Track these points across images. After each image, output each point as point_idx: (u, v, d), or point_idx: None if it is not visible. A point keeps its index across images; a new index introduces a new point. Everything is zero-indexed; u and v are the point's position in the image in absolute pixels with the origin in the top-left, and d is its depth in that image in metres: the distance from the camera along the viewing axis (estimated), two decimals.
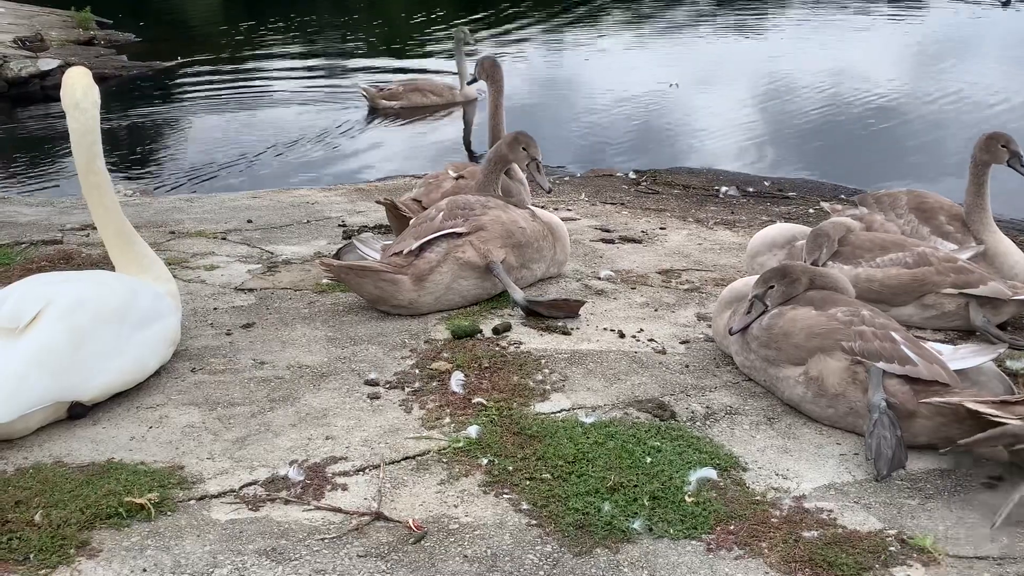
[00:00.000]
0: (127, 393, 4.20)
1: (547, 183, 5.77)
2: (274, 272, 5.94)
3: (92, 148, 4.36)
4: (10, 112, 14.63)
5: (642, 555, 3.23)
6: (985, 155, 5.74)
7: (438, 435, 3.95)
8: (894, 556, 3.25)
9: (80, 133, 4.31)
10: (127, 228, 4.60)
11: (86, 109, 4.30)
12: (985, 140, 5.75)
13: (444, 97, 14.20)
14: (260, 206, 7.98)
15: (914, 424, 3.92)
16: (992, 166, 5.77)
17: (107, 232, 4.56)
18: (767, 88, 14.72)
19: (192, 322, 5.04)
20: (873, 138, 11.84)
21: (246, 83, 16.25)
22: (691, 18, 21.44)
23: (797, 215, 8.65)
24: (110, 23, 21.31)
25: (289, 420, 4.05)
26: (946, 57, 16.28)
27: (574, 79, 14.70)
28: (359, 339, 4.90)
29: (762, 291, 4.47)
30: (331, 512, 3.42)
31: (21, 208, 7.80)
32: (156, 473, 3.59)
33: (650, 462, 3.73)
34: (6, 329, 3.86)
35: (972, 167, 5.82)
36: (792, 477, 3.76)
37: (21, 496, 3.37)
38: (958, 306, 5.23)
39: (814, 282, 4.51)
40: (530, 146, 5.70)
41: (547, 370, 4.54)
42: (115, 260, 4.62)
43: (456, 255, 5.19)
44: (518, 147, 5.72)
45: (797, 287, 4.47)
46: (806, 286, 4.49)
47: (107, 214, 4.51)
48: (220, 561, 3.11)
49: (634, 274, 6.12)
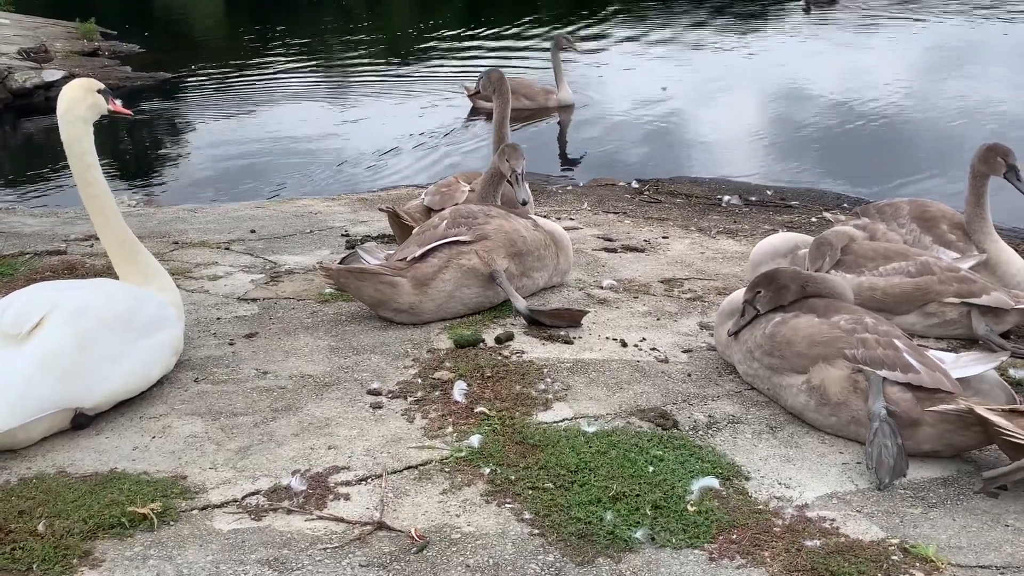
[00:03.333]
0: (130, 403, 4.21)
1: (522, 194, 5.74)
2: (277, 282, 5.96)
3: (83, 159, 4.42)
4: (14, 123, 14.69)
5: (644, 564, 3.23)
6: (983, 166, 5.73)
7: (440, 444, 3.95)
8: (896, 565, 3.25)
9: (67, 144, 4.42)
10: (130, 238, 4.62)
11: (69, 122, 4.39)
12: (984, 151, 5.74)
13: (537, 101, 13.94)
14: (263, 216, 8.00)
15: (919, 432, 3.92)
16: (991, 177, 5.77)
17: (109, 242, 4.59)
18: (770, 97, 14.75)
19: (195, 332, 5.05)
20: (876, 147, 11.84)
21: (250, 93, 16.30)
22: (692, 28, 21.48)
23: (800, 224, 8.65)
24: (114, 34, 21.38)
25: (292, 430, 4.05)
26: (951, 64, 16.29)
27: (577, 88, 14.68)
28: (362, 348, 4.91)
29: (751, 296, 4.51)
30: (333, 522, 3.42)
31: (25, 219, 7.83)
32: (159, 483, 3.60)
33: (652, 471, 3.73)
34: (9, 335, 3.88)
35: (970, 178, 5.82)
36: (794, 486, 3.76)
37: (24, 506, 3.38)
38: (960, 315, 5.23)
39: (807, 287, 4.51)
40: (512, 157, 5.72)
41: (549, 379, 4.54)
42: (119, 270, 4.64)
43: (460, 262, 5.20)
44: (503, 158, 5.75)
45: (785, 293, 4.48)
46: (797, 292, 4.49)
47: (108, 224, 4.53)
48: (223, 571, 3.11)
49: (636, 283, 6.13)
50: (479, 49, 19.86)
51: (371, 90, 16.12)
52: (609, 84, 15.88)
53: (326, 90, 16.48)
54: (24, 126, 14.61)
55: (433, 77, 17.17)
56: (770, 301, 4.48)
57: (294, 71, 18.26)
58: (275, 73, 18.02)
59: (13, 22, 20.36)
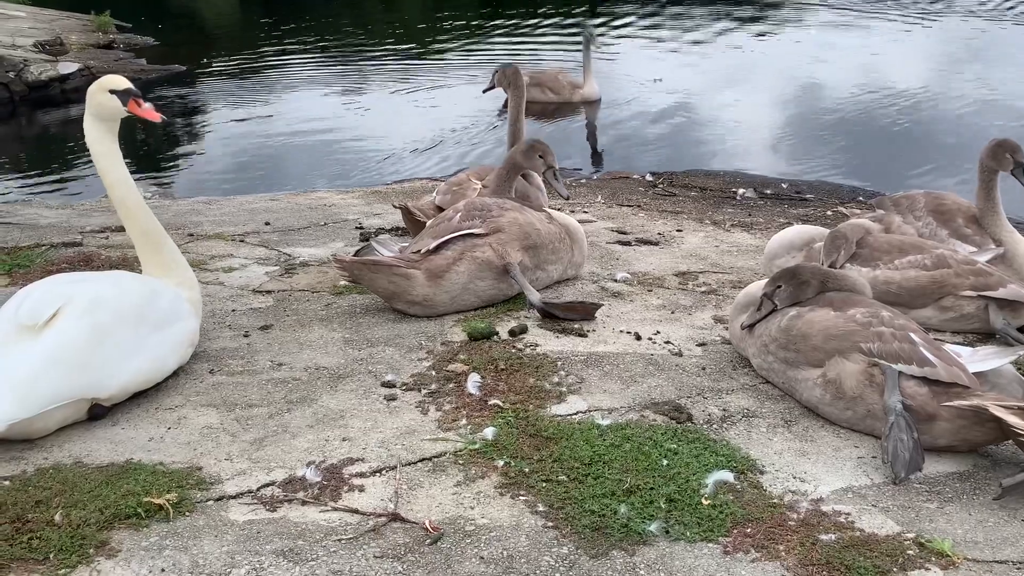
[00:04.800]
0: (146, 394, 4.22)
1: (565, 190, 5.78)
2: (291, 274, 5.97)
3: (98, 159, 4.48)
4: (30, 115, 14.74)
5: (658, 557, 3.23)
6: (991, 161, 5.70)
7: (454, 437, 3.95)
8: (912, 560, 3.24)
9: (87, 141, 4.49)
10: (153, 229, 4.61)
11: (85, 119, 4.46)
12: (992, 147, 5.70)
13: (562, 95, 13.74)
14: (278, 208, 8.01)
15: (934, 427, 3.90)
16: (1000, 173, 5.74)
17: (133, 233, 4.61)
18: (785, 90, 14.67)
19: (210, 324, 5.07)
20: (892, 140, 11.77)
21: (264, 86, 16.31)
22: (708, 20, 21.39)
23: (815, 217, 8.61)
24: (129, 27, 21.41)
25: (306, 421, 4.06)
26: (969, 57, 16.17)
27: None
28: (376, 341, 4.91)
29: (771, 290, 4.49)
30: (348, 513, 3.43)
31: (41, 211, 7.86)
32: (174, 474, 3.61)
33: (667, 464, 3.72)
34: (26, 327, 3.90)
35: (979, 172, 5.78)
36: (809, 480, 3.75)
37: (41, 496, 3.40)
38: (977, 308, 5.20)
39: (827, 284, 4.49)
40: (547, 154, 5.72)
41: (563, 372, 4.54)
42: (142, 262, 4.67)
43: (474, 254, 5.20)
44: (534, 155, 5.73)
45: (806, 289, 4.46)
46: (817, 288, 4.47)
47: (129, 216, 4.56)
48: (238, 561, 3.12)
49: (651, 276, 6.12)
50: (494, 41, 19.82)
51: (385, 83, 16.10)
52: (623, 77, 15.82)
53: (340, 83, 16.46)
54: (40, 118, 14.65)
55: (447, 69, 17.13)
56: (790, 297, 4.46)
57: (308, 64, 18.25)
58: (289, 66, 18.02)
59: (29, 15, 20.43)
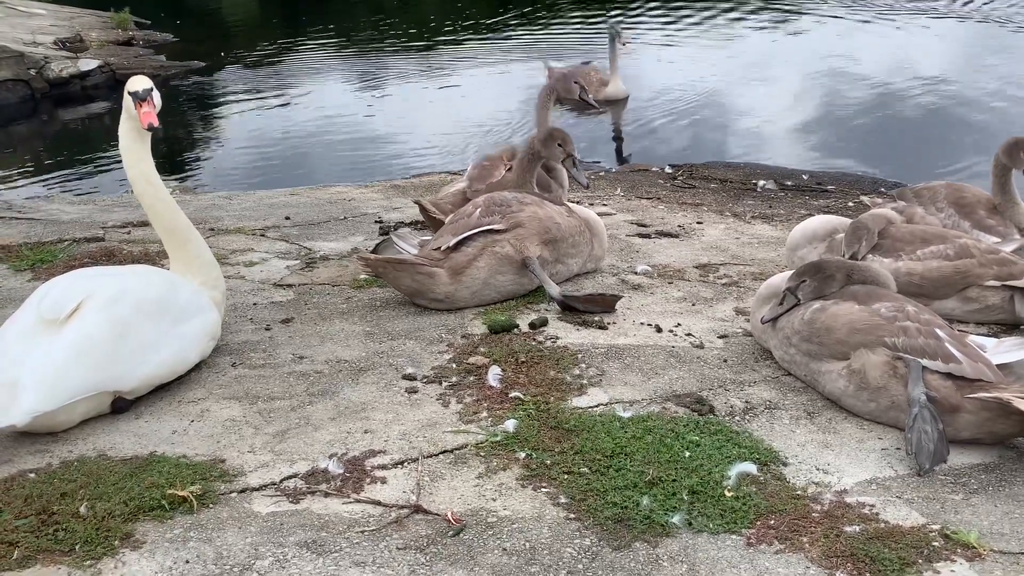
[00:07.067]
0: (168, 387, 4.25)
1: (584, 179, 5.77)
2: (312, 268, 5.99)
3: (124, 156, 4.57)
4: (51, 112, 14.84)
5: (681, 549, 3.22)
6: (1006, 158, 5.67)
7: (476, 429, 3.95)
8: (937, 551, 3.22)
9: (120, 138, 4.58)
10: (180, 226, 4.62)
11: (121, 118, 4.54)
12: (1009, 145, 5.69)
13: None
14: (298, 203, 8.03)
15: (958, 419, 3.87)
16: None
17: (159, 228, 4.64)
18: (806, 81, 14.57)
19: (232, 317, 5.09)
20: (915, 131, 11.67)
21: (282, 81, 16.35)
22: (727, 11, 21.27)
23: (836, 209, 8.56)
24: (148, 23, 21.48)
25: (328, 414, 4.08)
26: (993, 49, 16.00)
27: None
28: (396, 334, 4.92)
29: (795, 284, 4.45)
30: (370, 505, 3.44)
31: (63, 206, 7.91)
32: (198, 466, 3.63)
33: (689, 456, 3.71)
34: (48, 320, 3.93)
35: (993, 168, 5.77)
36: (833, 472, 3.73)
37: (66, 488, 3.43)
38: (1002, 299, 5.15)
39: (852, 277, 4.46)
40: (566, 142, 5.69)
41: (584, 365, 4.53)
42: (170, 258, 4.70)
43: (494, 250, 5.20)
44: (553, 144, 5.70)
45: (831, 283, 4.43)
46: (842, 282, 4.44)
47: (153, 210, 4.58)
48: (261, 553, 3.14)
49: (671, 268, 6.10)
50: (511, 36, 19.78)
51: (403, 77, 16.11)
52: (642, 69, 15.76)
53: (359, 77, 16.48)
54: (60, 115, 14.75)
55: (466, 64, 17.12)
56: (814, 291, 4.43)
57: (326, 59, 18.28)
58: (307, 61, 18.05)
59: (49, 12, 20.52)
